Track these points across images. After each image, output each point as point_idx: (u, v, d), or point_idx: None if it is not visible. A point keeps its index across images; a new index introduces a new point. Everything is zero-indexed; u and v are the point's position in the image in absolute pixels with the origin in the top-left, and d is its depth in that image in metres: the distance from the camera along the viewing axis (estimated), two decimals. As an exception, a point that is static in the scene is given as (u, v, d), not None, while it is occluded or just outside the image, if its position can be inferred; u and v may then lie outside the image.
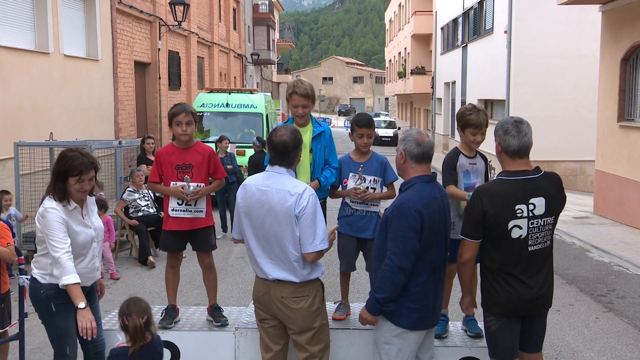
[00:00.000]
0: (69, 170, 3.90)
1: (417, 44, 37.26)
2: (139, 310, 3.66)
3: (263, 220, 3.68)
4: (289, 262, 3.67)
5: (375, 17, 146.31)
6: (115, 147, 10.26)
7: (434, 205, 3.57)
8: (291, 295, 3.70)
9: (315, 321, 3.76)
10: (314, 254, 3.64)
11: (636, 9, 11.38)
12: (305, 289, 3.72)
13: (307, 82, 4.59)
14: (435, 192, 3.64)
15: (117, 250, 9.25)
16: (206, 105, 15.30)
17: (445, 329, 4.53)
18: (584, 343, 6.07)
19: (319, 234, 3.63)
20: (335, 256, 5.29)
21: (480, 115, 4.38)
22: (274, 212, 3.64)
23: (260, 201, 3.69)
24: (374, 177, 4.54)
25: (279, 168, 3.73)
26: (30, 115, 11.25)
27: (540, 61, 18.02)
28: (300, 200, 3.61)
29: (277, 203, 3.63)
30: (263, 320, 3.87)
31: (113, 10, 15.19)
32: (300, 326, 3.74)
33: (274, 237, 3.67)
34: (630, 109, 12.01)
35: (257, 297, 3.84)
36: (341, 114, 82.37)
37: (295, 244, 3.64)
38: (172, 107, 4.72)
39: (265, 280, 3.75)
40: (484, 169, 4.51)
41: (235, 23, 32.97)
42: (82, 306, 3.76)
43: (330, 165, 4.63)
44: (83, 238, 4.00)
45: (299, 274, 3.68)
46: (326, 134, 4.64)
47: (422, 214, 3.48)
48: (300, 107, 4.50)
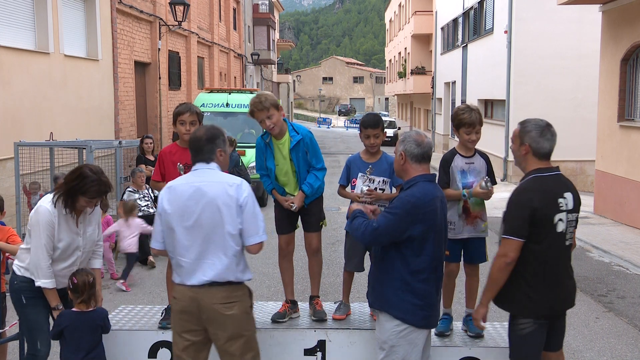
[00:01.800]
0: (84, 192, 3.99)
1: (417, 44, 37.25)
2: (83, 272, 4.08)
3: (200, 215, 3.56)
4: (228, 257, 3.58)
5: (375, 17, 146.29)
6: (115, 147, 10.26)
7: (435, 203, 3.62)
8: (223, 301, 3.57)
9: (246, 328, 3.67)
10: (259, 245, 3.65)
11: (636, 9, 11.38)
12: (236, 293, 3.64)
13: (264, 94, 4.57)
14: (436, 191, 3.70)
15: (118, 250, 9.25)
16: (206, 105, 15.30)
17: (449, 327, 4.53)
18: (584, 343, 6.07)
19: (261, 225, 3.63)
20: (336, 256, 5.30)
21: (473, 114, 4.39)
22: (213, 204, 3.54)
23: (195, 197, 3.57)
24: (383, 178, 4.54)
25: (204, 164, 3.68)
26: (30, 115, 11.25)
27: (540, 61, 18.02)
28: (241, 190, 3.58)
29: (218, 193, 3.55)
30: (185, 332, 3.66)
31: (113, 10, 15.19)
32: (231, 333, 3.60)
33: (213, 230, 3.56)
34: (631, 109, 12.01)
35: (183, 308, 3.63)
36: (341, 114, 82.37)
37: (236, 236, 3.58)
38: (177, 107, 4.74)
39: (193, 287, 3.58)
40: (484, 167, 4.50)
41: (236, 23, 32.96)
42: (60, 307, 4.09)
43: (314, 169, 4.62)
44: (66, 244, 4.06)
45: (236, 270, 3.62)
46: (305, 139, 4.59)
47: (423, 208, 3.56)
48: (266, 120, 4.50)
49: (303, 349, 4.40)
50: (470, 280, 4.60)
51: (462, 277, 4.65)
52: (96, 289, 4.13)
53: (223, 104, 15.36)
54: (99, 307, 4.17)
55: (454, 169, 4.45)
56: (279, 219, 4.77)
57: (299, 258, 4.97)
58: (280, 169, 4.64)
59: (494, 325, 4.79)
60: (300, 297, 4.90)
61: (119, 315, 4.85)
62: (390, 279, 3.68)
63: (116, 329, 4.53)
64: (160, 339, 4.46)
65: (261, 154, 4.72)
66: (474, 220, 4.45)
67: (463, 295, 4.70)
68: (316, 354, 4.39)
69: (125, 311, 4.96)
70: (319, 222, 4.72)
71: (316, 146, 4.73)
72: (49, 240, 3.97)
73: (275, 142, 4.63)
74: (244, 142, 14.50)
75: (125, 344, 4.47)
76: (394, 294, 3.66)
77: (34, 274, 4.02)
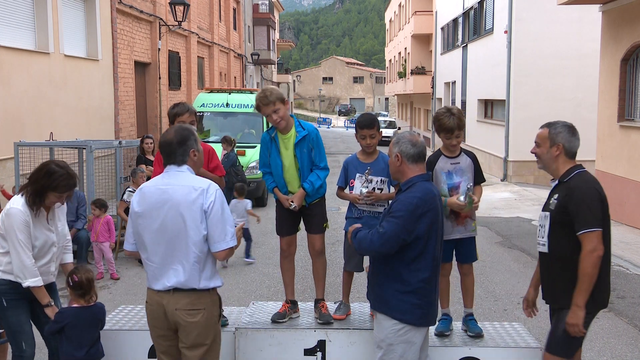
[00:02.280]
0: (55, 188, 4.05)
1: (417, 44, 37.23)
2: (82, 270, 4.16)
3: (164, 219, 3.48)
4: (190, 264, 3.47)
5: (375, 17, 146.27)
6: (115, 147, 10.26)
7: (435, 202, 3.66)
8: (186, 308, 3.49)
9: (209, 338, 3.57)
10: (227, 251, 3.52)
11: (636, 9, 11.38)
12: (202, 300, 3.53)
13: (269, 88, 4.57)
14: (434, 190, 3.75)
15: (118, 250, 9.25)
16: (206, 105, 15.30)
17: (449, 327, 4.54)
18: (584, 343, 6.06)
19: (229, 230, 3.52)
20: (336, 256, 5.29)
21: (452, 119, 4.36)
22: (177, 208, 3.46)
23: (160, 200, 3.50)
24: (381, 177, 4.54)
25: (175, 167, 3.60)
26: (30, 115, 11.25)
27: (540, 61, 18.02)
28: (207, 194, 3.48)
29: (182, 198, 3.47)
30: (159, 337, 3.64)
31: (113, 10, 15.19)
32: (192, 341, 3.53)
33: (176, 235, 3.48)
34: (630, 109, 12.01)
35: (151, 312, 3.61)
36: (341, 114, 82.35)
37: (198, 243, 3.46)
38: (173, 107, 4.71)
39: (159, 292, 3.54)
40: (471, 167, 4.49)
41: (236, 23, 32.96)
42: (52, 304, 4.15)
43: (317, 167, 4.61)
44: (42, 242, 4.10)
45: (200, 277, 3.50)
46: (311, 135, 4.59)
47: (425, 208, 3.59)
48: (272, 114, 4.48)
49: (303, 349, 4.40)
50: (466, 280, 4.61)
51: (456, 276, 4.66)
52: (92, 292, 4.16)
53: (223, 104, 15.36)
54: (98, 302, 4.20)
55: (437, 170, 4.46)
56: (279, 220, 4.76)
57: (299, 258, 4.97)
58: (285, 165, 4.62)
59: (494, 325, 4.79)
60: (300, 297, 4.90)
61: (119, 315, 4.85)
62: (389, 280, 3.69)
63: (116, 329, 4.53)
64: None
65: (265, 150, 4.68)
66: (463, 221, 4.46)
67: (461, 295, 4.70)
68: (316, 354, 4.39)
69: (125, 311, 4.96)
70: (321, 224, 4.70)
71: (321, 145, 4.72)
72: (27, 239, 4.00)
73: (280, 136, 4.61)
74: (243, 142, 14.51)
75: (125, 344, 4.47)
76: (393, 295, 3.66)
77: (19, 276, 4.02)
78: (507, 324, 4.89)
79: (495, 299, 7.48)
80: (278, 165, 4.62)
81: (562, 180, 3.76)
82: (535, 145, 3.88)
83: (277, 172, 4.65)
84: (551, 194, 3.82)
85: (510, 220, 12.65)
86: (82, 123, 13.32)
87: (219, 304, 3.67)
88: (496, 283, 8.18)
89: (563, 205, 3.66)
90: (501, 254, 9.91)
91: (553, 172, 3.81)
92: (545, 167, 3.85)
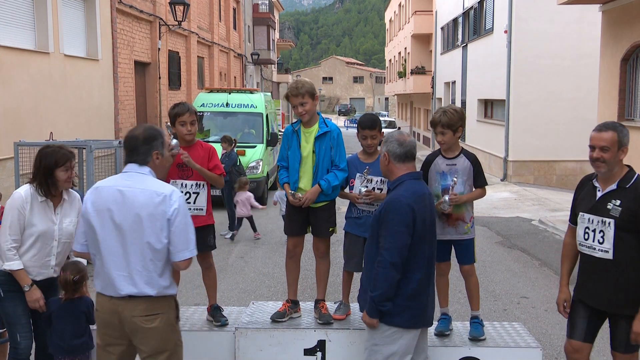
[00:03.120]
0: (57, 163, 4.06)
1: (417, 43, 37.23)
2: (73, 270, 4.12)
3: (121, 223, 3.32)
4: (147, 271, 3.34)
5: (375, 17, 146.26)
6: (115, 147, 10.26)
7: (425, 201, 3.66)
8: (143, 314, 3.35)
9: (170, 342, 3.46)
10: (188, 261, 3.40)
11: (636, 9, 11.38)
12: (159, 305, 3.40)
13: (302, 81, 4.57)
14: (423, 188, 3.74)
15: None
16: (206, 105, 15.30)
17: (449, 327, 4.53)
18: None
19: (191, 239, 3.39)
20: (336, 256, 5.29)
21: (444, 115, 4.37)
22: (136, 214, 3.30)
23: (118, 202, 3.33)
24: (381, 177, 4.55)
25: (137, 167, 3.44)
26: (30, 115, 11.25)
27: (540, 61, 18.02)
28: (171, 202, 3.32)
29: (143, 203, 3.30)
30: (109, 345, 3.46)
31: (113, 10, 15.19)
32: (153, 347, 3.41)
33: (133, 241, 3.32)
34: (630, 109, 12.00)
35: (102, 319, 3.44)
36: (341, 114, 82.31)
37: (157, 251, 3.33)
38: (174, 107, 4.68)
39: (112, 298, 3.37)
40: (468, 169, 4.45)
41: (235, 23, 32.96)
42: (26, 288, 4.08)
43: (336, 167, 4.58)
44: (39, 230, 4.09)
45: (158, 285, 3.37)
46: (333, 133, 4.58)
47: (414, 208, 3.55)
48: (299, 106, 4.49)
49: (303, 349, 4.40)
50: (469, 282, 4.60)
51: (456, 276, 4.66)
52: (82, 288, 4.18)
53: (223, 103, 15.36)
54: (85, 296, 4.20)
55: (432, 170, 4.48)
56: (289, 220, 4.74)
57: (301, 258, 4.96)
58: (303, 156, 4.58)
59: (494, 325, 4.79)
60: (300, 297, 4.89)
61: (119, 315, 4.84)
62: None
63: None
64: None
65: (286, 142, 4.68)
66: (455, 222, 4.44)
67: (462, 295, 4.70)
68: (316, 354, 4.39)
69: (125, 311, 4.95)
70: (328, 228, 4.67)
71: (342, 145, 4.69)
72: (14, 223, 4.03)
73: (303, 130, 4.60)
74: (243, 142, 14.51)
75: (125, 343, 4.47)
76: None
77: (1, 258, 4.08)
78: (507, 324, 4.89)
79: (495, 299, 7.48)
80: (297, 156, 4.59)
81: (624, 185, 3.69)
82: (600, 150, 3.70)
83: (293, 165, 4.60)
84: (606, 199, 3.73)
85: (510, 220, 12.65)
86: (82, 123, 13.32)
87: (176, 307, 3.56)
88: (496, 283, 8.18)
89: (633, 212, 3.61)
90: (501, 254, 9.91)
91: (612, 176, 3.73)
92: (610, 171, 3.72)
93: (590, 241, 3.78)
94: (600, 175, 3.80)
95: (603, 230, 3.71)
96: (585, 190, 3.93)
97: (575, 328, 3.94)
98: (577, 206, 3.96)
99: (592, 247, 3.78)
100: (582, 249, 3.87)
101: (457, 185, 4.37)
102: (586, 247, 3.83)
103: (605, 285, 3.76)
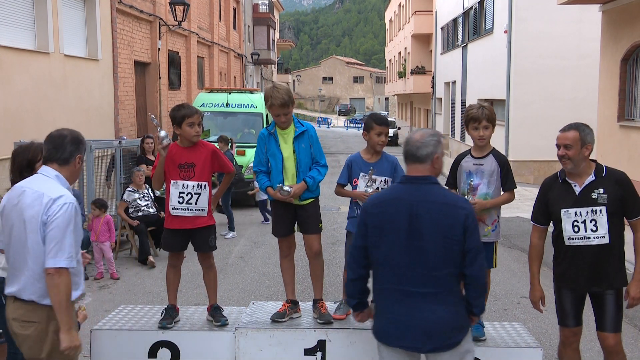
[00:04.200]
0: (34, 157, 3.99)
1: (417, 43, 37.23)
2: None
3: (13, 224, 3.36)
4: (28, 273, 3.32)
5: (375, 16, 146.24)
6: (115, 147, 10.26)
7: (391, 206, 3.22)
8: (21, 319, 3.36)
9: (43, 352, 3.38)
10: (56, 271, 3.20)
11: (636, 9, 11.38)
12: (37, 314, 3.34)
13: (283, 89, 4.57)
14: (402, 193, 3.25)
15: (118, 250, 9.26)
16: (206, 105, 15.30)
17: (483, 333, 4.42)
18: (584, 343, 6.06)
19: (66, 249, 3.23)
20: (335, 256, 5.29)
21: (481, 110, 4.40)
22: (21, 215, 3.31)
23: (12, 202, 3.39)
24: (385, 177, 4.57)
25: (48, 168, 3.44)
26: (30, 115, 11.25)
27: (540, 61, 18.02)
28: (52, 206, 3.26)
29: (30, 204, 3.30)
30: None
31: (113, 10, 15.19)
32: (26, 354, 3.43)
33: (18, 242, 3.34)
34: (630, 109, 12.01)
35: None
36: (341, 114, 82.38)
37: (35, 256, 3.28)
38: (178, 109, 4.62)
39: (7, 295, 3.44)
40: (495, 170, 4.38)
41: (235, 23, 32.96)
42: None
43: (317, 164, 4.64)
44: None
45: (34, 291, 3.32)
46: (310, 132, 4.64)
47: (366, 212, 3.31)
48: (282, 116, 4.52)
49: (303, 349, 4.41)
50: None
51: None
52: None
53: (223, 103, 15.36)
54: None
55: (461, 169, 4.47)
56: (275, 222, 4.77)
57: (299, 258, 4.97)
58: (285, 156, 4.61)
59: (494, 325, 4.79)
60: (299, 297, 4.90)
61: (118, 315, 4.84)
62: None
63: (116, 329, 4.53)
64: (160, 339, 4.46)
65: (263, 147, 4.68)
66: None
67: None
68: (316, 353, 4.39)
69: (125, 311, 4.96)
70: (317, 224, 4.70)
71: (319, 143, 4.79)
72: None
73: (280, 132, 4.64)
74: (243, 142, 14.51)
75: (125, 344, 4.47)
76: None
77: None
78: (507, 323, 4.89)
79: (495, 299, 7.47)
80: (278, 157, 4.61)
81: (600, 175, 4.00)
82: (564, 148, 4.00)
83: (276, 167, 4.62)
84: (588, 191, 3.98)
85: (510, 220, 12.64)
86: (82, 123, 13.30)
87: (51, 321, 3.38)
88: (496, 283, 8.18)
89: (619, 196, 3.95)
90: (501, 254, 9.91)
91: (581, 170, 4.01)
92: (576, 167, 4.01)
93: (583, 232, 3.99)
94: (568, 171, 4.06)
95: (595, 218, 3.96)
96: (556, 190, 4.13)
97: (568, 315, 4.27)
98: (552, 205, 4.13)
99: (586, 237, 4.00)
100: (574, 242, 4.04)
101: (481, 186, 4.35)
102: (578, 239, 4.01)
103: (596, 269, 4.05)
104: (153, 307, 5.14)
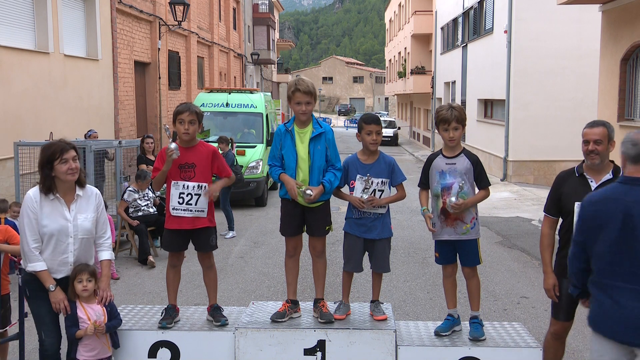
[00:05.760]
0: (52, 155, 4.04)
1: (417, 43, 37.23)
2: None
3: None
4: None
5: (375, 17, 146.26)
6: (115, 147, 10.26)
7: (606, 204, 3.42)
8: None
9: None
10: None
11: (636, 9, 11.38)
12: None
13: (309, 80, 4.57)
14: (618, 193, 3.41)
15: (117, 250, 9.25)
16: (206, 105, 15.30)
17: (450, 328, 4.51)
18: (584, 343, 6.06)
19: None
20: (335, 256, 5.29)
21: (450, 111, 4.37)
22: None
23: None
24: (382, 179, 4.55)
25: None
26: (30, 115, 11.26)
27: (540, 61, 18.02)
28: None
29: None
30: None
31: (113, 10, 15.19)
32: None
33: None
34: (630, 109, 12.01)
35: None
36: (341, 114, 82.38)
37: None
38: (178, 106, 4.72)
39: None
40: (468, 169, 4.41)
41: (235, 23, 32.96)
42: (51, 289, 4.10)
43: (333, 167, 4.58)
44: (52, 229, 4.09)
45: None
46: (327, 134, 4.58)
47: (584, 209, 3.59)
48: (304, 104, 4.47)
49: (303, 349, 4.40)
50: (470, 283, 4.58)
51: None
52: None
53: (223, 103, 15.36)
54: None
55: (433, 169, 4.47)
56: (284, 220, 4.72)
57: (300, 259, 4.97)
58: (300, 156, 4.56)
59: (494, 325, 4.79)
60: (299, 297, 4.90)
61: (119, 315, 4.84)
62: None
63: (116, 329, 4.53)
64: (160, 338, 4.46)
65: (278, 142, 4.62)
66: (453, 222, 4.41)
67: (462, 295, 4.70)
68: (316, 353, 4.39)
69: (125, 311, 4.96)
70: (324, 227, 4.67)
71: (335, 145, 4.74)
72: (30, 224, 4.05)
73: (297, 130, 4.58)
74: (243, 142, 14.52)
75: (125, 344, 4.47)
76: None
77: (24, 260, 4.13)
78: (507, 324, 4.88)
79: (495, 299, 7.48)
80: (293, 156, 4.56)
81: (618, 174, 4.07)
82: (594, 144, 4.13)
83: (289, 165, 4.56)
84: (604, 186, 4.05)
85: (510, 220, 12.65)
86: (82, 123, 13.32)
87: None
88: (496, 283, 8.18)
89: None
90: (501, 254, 9.91)
91: (603, 168, 4.15)
92: (602, 162, 4.14)
93: None
94: (594, 167, 4.18)
95: None
96: (572, 184, 4.26)
97: (561, 309, 4.39)
98: (565, 198, 4.26)
99: None
100: None
101: (454, 185, 4.35)
102: None
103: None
104: (153, 307, 5.14)
